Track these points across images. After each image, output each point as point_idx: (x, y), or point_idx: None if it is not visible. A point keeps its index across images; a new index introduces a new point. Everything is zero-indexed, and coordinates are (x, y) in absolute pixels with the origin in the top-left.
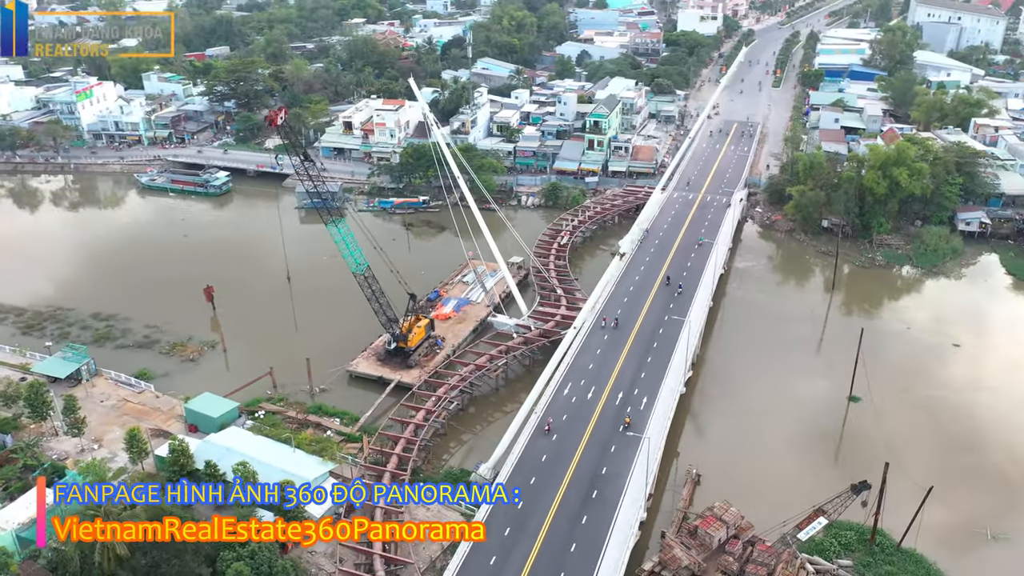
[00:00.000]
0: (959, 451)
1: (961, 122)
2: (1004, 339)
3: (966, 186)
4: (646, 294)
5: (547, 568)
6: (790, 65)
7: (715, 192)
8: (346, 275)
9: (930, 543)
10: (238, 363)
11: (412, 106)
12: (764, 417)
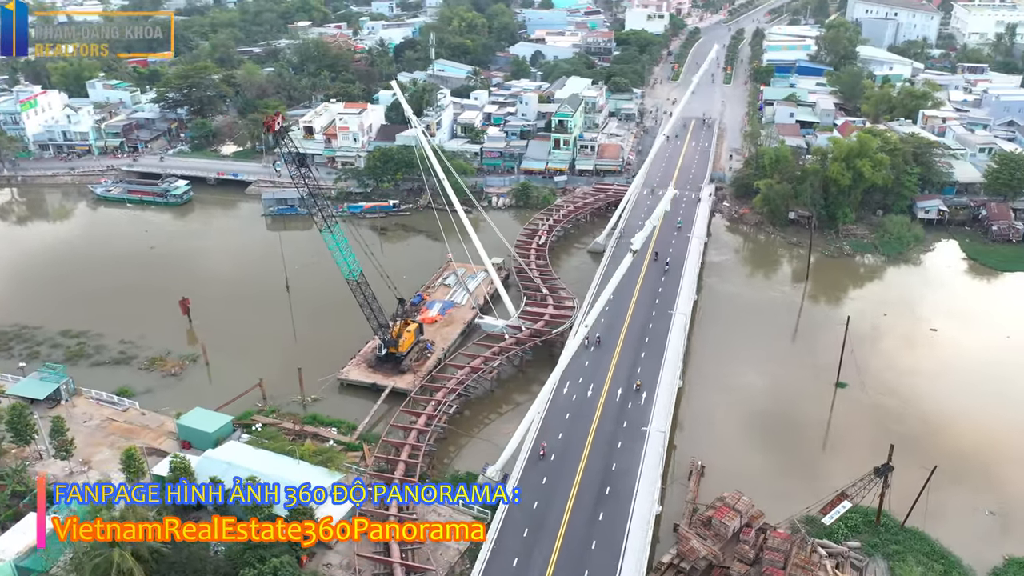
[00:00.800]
0: (949, 432)
1: (908, 114)
2: (976, 322)
3: (923, 175)
4: (631, 289)
5: (570, 567)
6: (738, 61)
7: (683, 188)
8: (324, 282)
9: (931, 521)
10: (222, 376)
11: (374, 109)
12: (754, 406)
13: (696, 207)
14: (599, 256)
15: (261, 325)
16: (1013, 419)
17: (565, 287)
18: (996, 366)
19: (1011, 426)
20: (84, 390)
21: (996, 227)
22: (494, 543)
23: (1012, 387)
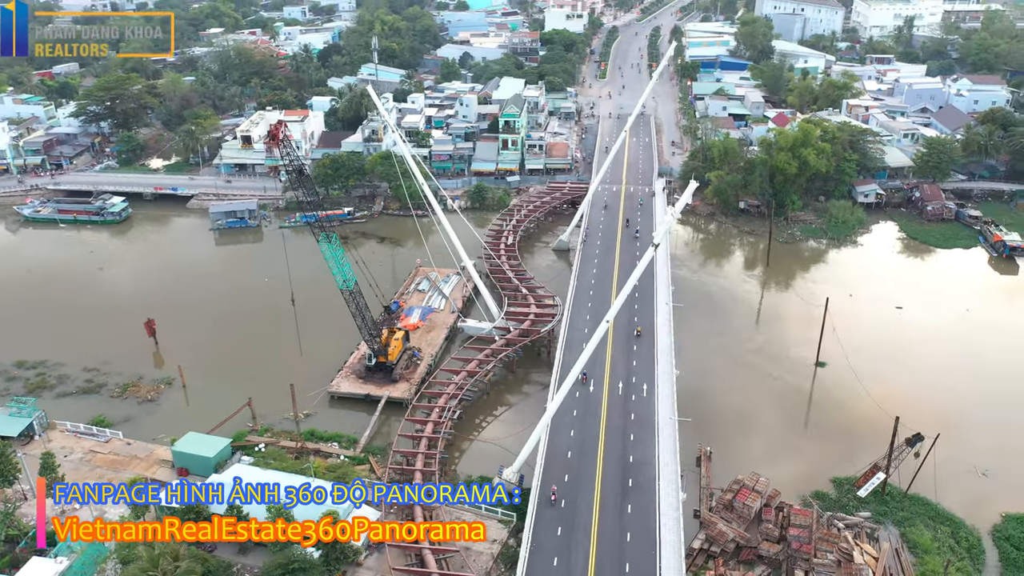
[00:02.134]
0: (933, 402)
1: (831, 104)
2: (935, 298)
3: (859, 162)
4: (609, 283)
5: (611, 561)
6: (659, 58)
7: (634, 183)
8: (287, 298)
9: (931, 487)
10: (202, 398)
11: (315, 116)
12: (741, 390)
13: (652, 201)
14: (565, 254)
15: (235, 343)
16: (987, 387)
17: (543, 286)
18: (963, 340)
19: (986, 393)
20: (59, 423)
21: (931, 207)
22: (530, 544)
23: (981, 358)
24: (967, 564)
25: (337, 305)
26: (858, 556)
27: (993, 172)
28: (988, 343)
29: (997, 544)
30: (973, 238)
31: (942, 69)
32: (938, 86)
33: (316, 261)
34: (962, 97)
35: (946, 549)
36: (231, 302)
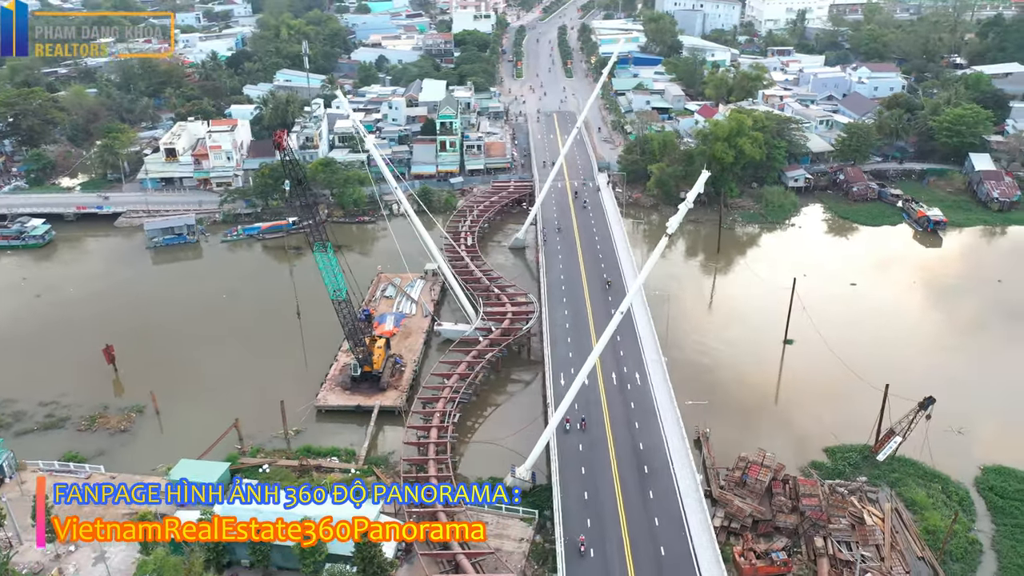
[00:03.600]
0: (901, 369)
1: (746, 95)
2: (882, 273)
3: (786, 149)
4: (578, 276)
5: (645, 547)
6: (567, 53)
7: (576, 179)
8: (249, 314)
9: (914, 448)
10: (179, 424)
11: (242, 125)
12: (722, 371)
13: (598, 196)
14: (521, 252)
15: (202, 364)
16: (947, 351)
17: (513, 284)
18: (916, 310)
19: (948, 357)
20: (30, 463)
21: (856, 188)
22: (563, 541)
23: (936, 325)
24: (962, 516)
25: (294, 320)
26: (868, 518)
27: (904, 153)
28: (938, 311)
29: (983, 494)
30: (897, 215)
31: (838, 59)
32: (841, 75)
33: (264, 275)
34: (863, 84)
35: (940, 504)
36: (190, 322)
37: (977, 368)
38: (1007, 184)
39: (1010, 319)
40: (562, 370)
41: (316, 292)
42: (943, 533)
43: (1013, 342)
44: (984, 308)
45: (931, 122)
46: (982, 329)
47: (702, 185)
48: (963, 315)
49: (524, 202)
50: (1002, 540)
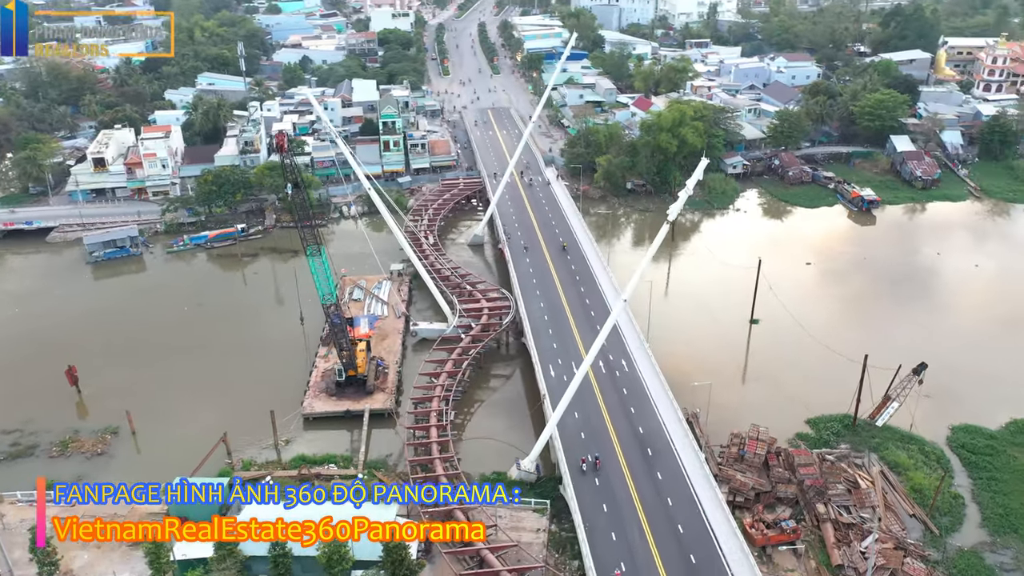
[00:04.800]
0: (863, 341)
1: (673, 87)
2: (832, 251)
3: (724, 137)
4: (546, 267)
5: (663, 526)
6: (492, 50)
7: (522, 174)
8: (213, 325)
9: (892, 415)
10: (158, 443)
11: (176, 131)
12: (698, 351)
13: (549, 190)
14: (480, 248)
15: (172, 380)
16: (905, 319)
17: (483, 280)
18: (870, 283)
19: (905, 324)
20: (5, 494)
21: (791, 172)
22: (585, 524)
23: (892, 297)
24: (942, 474)
25: (261, 330)
26: (861, 482)
27: (829, 137)
28: (890, 283)
29: (955, 452)
30: (832, 197)
31: (753, 50)
32: (760, 65)
33: (221, 284)
34: (782, 74)
35: (920, 464)
36: (151, 337)
37: (933, 335)
38: (928, 163)
39: (953, 287)
40: (549, 362)
41: (277, 298)
42: (928, 491)
43: (960, 308)
44: (928, 279)
45: (853, 107)
46: (929, 298)
47: (701, 172)
48: (912, 286)
49: (474, 199)
50: (981, 493)
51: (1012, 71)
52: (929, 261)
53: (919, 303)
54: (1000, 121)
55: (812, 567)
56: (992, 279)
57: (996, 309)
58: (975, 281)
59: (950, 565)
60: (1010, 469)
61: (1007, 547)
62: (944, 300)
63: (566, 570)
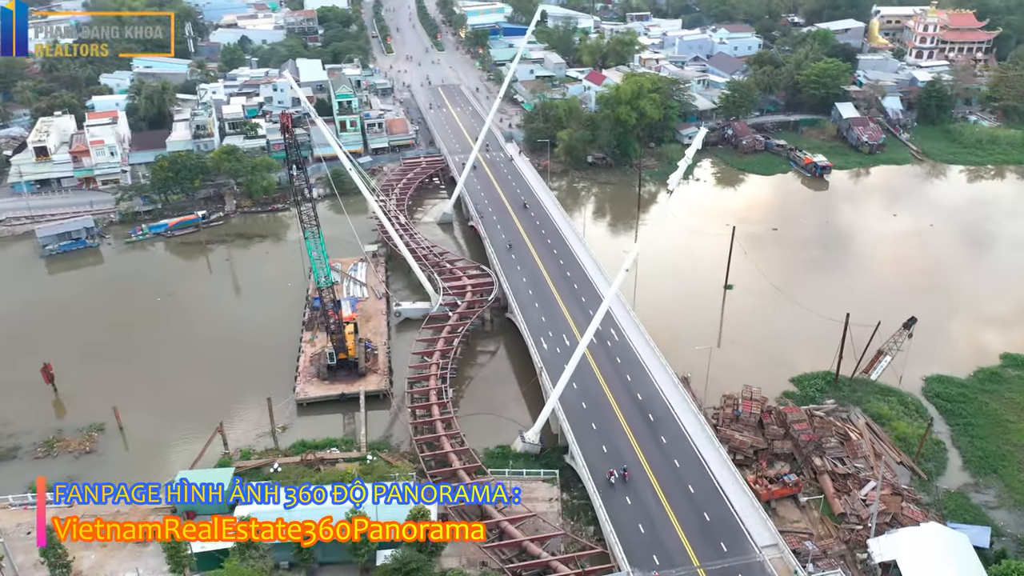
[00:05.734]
0: (834, 300)
1: (620, 60)
2: (793, 217)
3: (678, 108)
4: (522, 241)
5: (675, 488)
6: (433, 26)
7: (484, 151)
8: (187, 315)
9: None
10: (146, 437)
11: (122, 117)
12: (677, 315)
13: (514, 166)
14: (449, 226)
15: (154, 373)
16: (868, 278)
17: (461, 257)
18: (833, 245)
19: (870, 283)
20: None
21: (745, 142)
22: (599, 492)
23: (854, 257)
24: (924, 423)
25: (238, 316)
26: (851, 435)
27: (776, 107)
28: (853, 244)
29: (931, 401)
30: (786, 164)
31: (693, 22)
32: (703, 37)
33: (188, 273)
34: (724, 45)
35: (901, 414)
36: (125, 330)
37: (898, 291)
38: (872, 129)
39: (913, 246)
40: (540, 335)
41: (249, 285)
42: (911, 439)
43: (921, 266)
44: (889, 239)
45: (798, 76)
46: (893, 257)
47: (700, 142)
48: (874, 247)
49: (437, 177)
50: (959, 438)
51: (941, 38)
52: (887, 223)
53: (883, 262)
54: (936, 87)
55: (815, 517)
56: (947, 237)
57: (954, 265)
58: (933, 239)
59: (940, 507)
60: (983, 414)
61: (989, 487)
62: (906, 258)
63: (583, 535)
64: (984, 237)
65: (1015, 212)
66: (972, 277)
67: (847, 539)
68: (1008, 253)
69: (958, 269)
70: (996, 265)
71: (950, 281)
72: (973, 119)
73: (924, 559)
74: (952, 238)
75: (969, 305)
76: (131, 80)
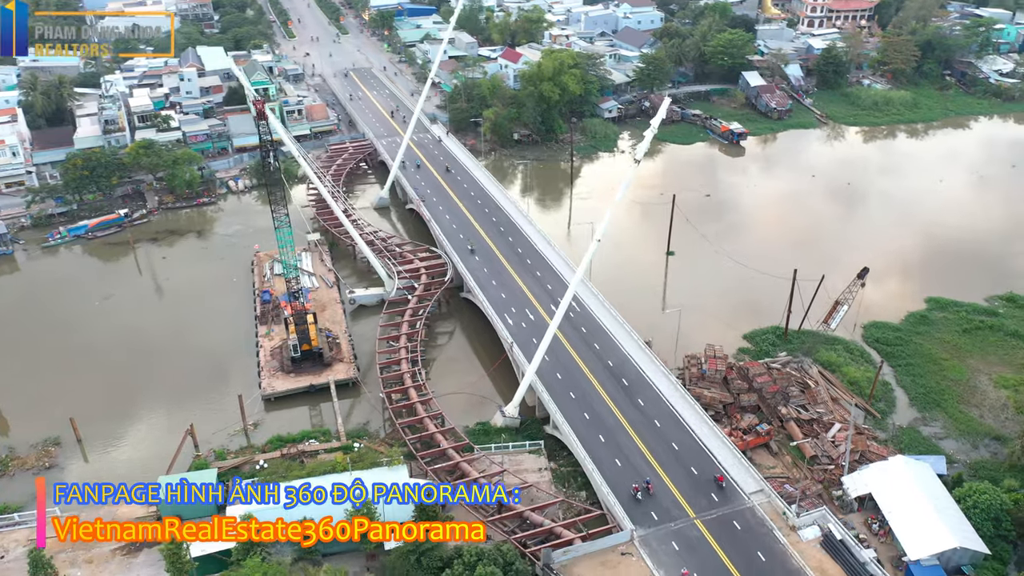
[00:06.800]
0: (779, 258)
1: (530, 38)
2: (722, 184)
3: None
4: (467, 221)
5: (659, 444)
6: (333, 9)
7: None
8: (128, 317)
9: (811, 322)
10: (109, 448)
11: (20, 115)
12: (619, 282)
13: (442, 146)
14: (387, 211)
15: (98, 380)
16: (802, 235)
17: (408, 240)
18: (764, 206)
19: (804, 238)
20: None
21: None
22: (590, 457)
23: (790, 216)
24: (870, 367)
25: (181, 316)
26: (809, 383)
27: (685, 78)
28: (783, 204)
29: (872, 346)
30: (703, 132)
31: None
32: (608, 12)
33: (118, 274)
34: (629, 19)
35: (848, 360)
36: (63, 337)
37: (831, 250)
38: (779, 96)
39: (837, 203)
40: (504, 311)
41: (188, 282)
42: (861, 382)
43: (846, 220)
44: (812, 198)
45: (704, 48)
46: (819, 215)
47: (664, 111)
48: (800, 206)
49: (364, 162)
50: (902, 378)
51: (829, 7)
52: (808, 183)
53: (813, 220)
54: (832, 53)
55: (788, 461)
56: (865, 194)
57: (878, 218)
58: (851, 196)
59: (897, 442)
60: (919, 355)
61: (935, 419)
62: (832, 214)
63: (577, 500)
64: (894, 192)
65: (919, 167)
66: (888, 227)
67: (821, 479)
68: (914, 204)
69: (886, 221)
70: (905, 214)
71: (873, 233)
72: (867, 83)
73: (896, 489)
74: (872, 195)
75: (894, 253)
76: (17, 75)
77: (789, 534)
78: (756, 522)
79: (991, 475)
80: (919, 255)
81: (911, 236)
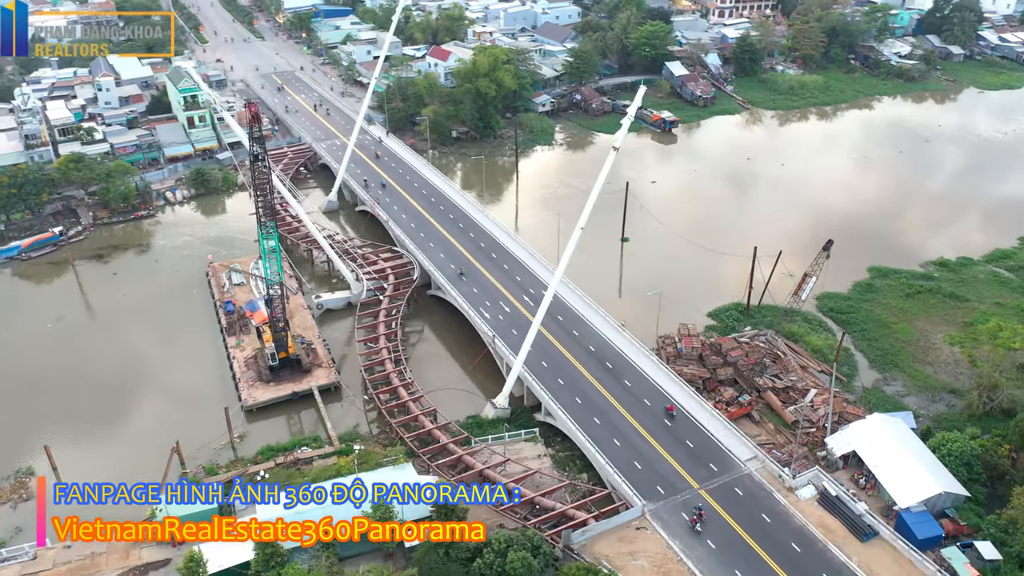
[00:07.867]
0: (734, 238)
1: (453, 35)
2: (662, 168)
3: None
4: (425, 220)
5: (652, 423)
6: (244, 12)
7: (346, 134)
8: (84, 338)
9: (768, 297)
10: (87, 474)
11: None
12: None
13: (383, 146)
14: (336, 215)
15: (64, 405)
16: (755, 215)
17: (368, 242)
18: (714, 191)
19: (756, 221)
20: None
21: (595, 105)
22: (590, 440)
23: (735, 200)
24: (831, 336)
25: (143, 333)
26: (780, 354)
27: (610, 70)
28: (724, 187)
29: (827, 315)
30: (635, 122)
31: None
32: (526, 8)
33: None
34: (547, 15)
35: (809, 331)
36: (16, 363)
37: (776, 224)
38: (703, 84)
39: (775, 183)
40: (479, 306)
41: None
42: (824, 350)
43: (788, 199)
44: (754, 180)
45: (626, 40)
46: (761, 195)
47: (640, 99)
48: (742, 188)
49: (304, 167)
50: (861, 343)
51: None
52: (744, 165)
53: (757, 200)
54: (747, 42)
55: (771, 429)
56: (800, 173)
57: (818, 196)
58: (789, 176)
59: (865, 402)
60: (871, 320)
61: (895, 379)
62: (773, 194)
63: (579, 481)
64: (831, 167)
65: (843, 146)
66: (833, 200)
67: (805, 442)
68: (846, 179)
69: (825, 199)
70: (844, 187)
71: (815, 209)
72: (780, 68)
73: (878, 444)
74: (802, 174)
75: (839, 226)
76: None
77: (787, 495)
78: (755, 487)
79: (953, 425)
80: (862, 224)
81: (844, 208)
